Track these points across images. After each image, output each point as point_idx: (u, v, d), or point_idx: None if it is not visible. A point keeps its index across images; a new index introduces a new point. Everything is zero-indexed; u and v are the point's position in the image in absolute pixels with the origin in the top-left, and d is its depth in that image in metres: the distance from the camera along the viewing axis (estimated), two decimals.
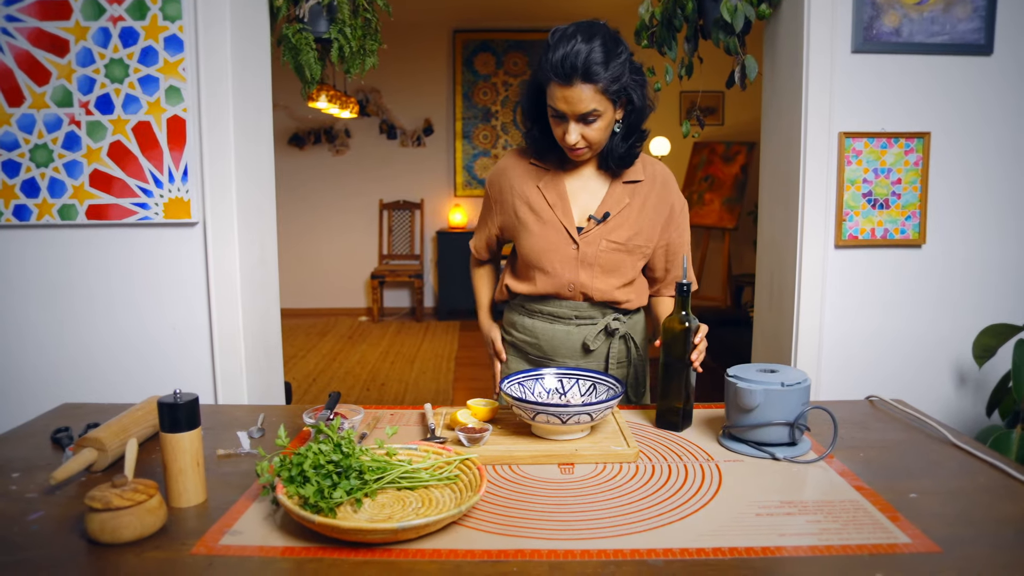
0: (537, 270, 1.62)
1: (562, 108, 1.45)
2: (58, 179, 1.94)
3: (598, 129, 1.49)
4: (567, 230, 1.59)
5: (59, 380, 2.01)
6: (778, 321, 2.24)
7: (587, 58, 1.40)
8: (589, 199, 1.61)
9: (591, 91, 1.43)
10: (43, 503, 1.12)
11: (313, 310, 6.92)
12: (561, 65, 1.41)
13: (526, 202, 1.62)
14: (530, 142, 1.62)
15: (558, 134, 1.51)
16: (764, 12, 2.15)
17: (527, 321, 1.69)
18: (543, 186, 1.62)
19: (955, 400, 2.18)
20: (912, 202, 2.07)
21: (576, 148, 1.51)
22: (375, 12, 2.45)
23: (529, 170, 1.64)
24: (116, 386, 2.01)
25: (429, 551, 0.97)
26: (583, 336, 1.64)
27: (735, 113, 6.59)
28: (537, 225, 1.60)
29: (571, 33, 1.43)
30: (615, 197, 1.60)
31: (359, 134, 6.76)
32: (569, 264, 1.59)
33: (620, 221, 1.59)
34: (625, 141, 1.57)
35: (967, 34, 1.99)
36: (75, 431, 1.42)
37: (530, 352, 1.71)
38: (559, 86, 1.44)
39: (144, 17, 1.89)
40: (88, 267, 2.00)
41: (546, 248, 1.59)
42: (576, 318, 1.64)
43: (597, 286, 1.60)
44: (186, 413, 1.11)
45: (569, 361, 1.66)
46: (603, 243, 1.58)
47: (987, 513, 1.09)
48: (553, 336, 1.66)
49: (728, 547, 0.99)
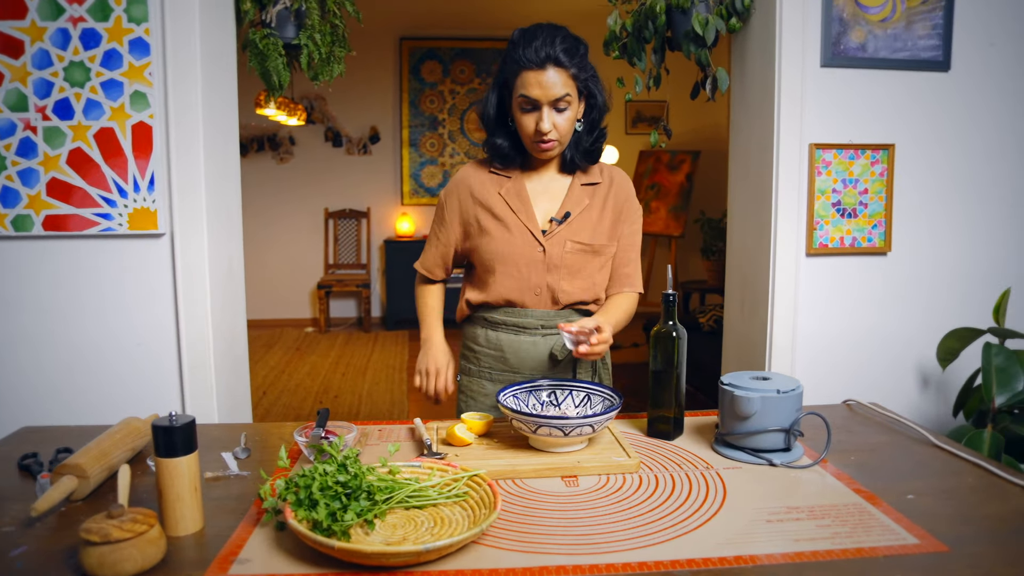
0: (503, 276, 1.61)
1: (536, 94, 1.49)
2: (11, 188, 1.83)
3: (568, 119, 1.54)
4: (532, 233, 1.59)
5: (15, 402, 1.88)
6: (750, 328, 2.29)
7: (559, 45, 1.48)
8: (550, 202, 1.63)
9: (564, 76, 1.49)
10: (24, 537, 1.04)
11: (258, 321, 6.72)
12: (536, 52, 1.47)
13: (488, 210, 1.62)
14: (493, 150, 1.63)
15: (529, 125, 1.53)
16: (734, 26, 2.20)
17: (491, 334, 1.67)
18: (504, 193, 1.62)
19: (920, 401, 2.26)
20: (878, 211, 2.15)
21: (547, 139, 1.53)
22: (343, 18, 2.41)
23: (490, 179, 1.65)
24: (77, 407, 1.90)
25: (453, 572, 0.94)
26: (549, 346, 1.64)
27: (679, 122, 6.70)
28: (501, 231, 1.60)
29: (538, 27, 1.51)
30: (575, 198, 1.63)
31: (304, 142, 6.63)
32: (536, 267, 1.60)
33: (582, 222, 1.62)
34: (589, 136, 1.62)
35: (926, 50, 2.09)
36: (44, 457, 1.33)
37: (494, 368, 1.68)
38: (533, 72, 1.48)
39: (107, 19, 1.80)
40: (46, 281, 1.89)
41: (511, 252, 1.59)
42: (542, 327, 1.63)
43: (564, 288, 1.61)
44: (183, 436, 1.05)
45: (536, 373, 1.65)
46: (568, 244, 1.60)
47: (981, 511, 1.13)
48: (519, 348, 1.64)
49: (748, 555, 0.99)
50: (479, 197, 1.63)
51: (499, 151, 1.62)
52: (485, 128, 1.63)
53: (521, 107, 1.52)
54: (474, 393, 1.71)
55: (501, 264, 1.60)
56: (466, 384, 1.73)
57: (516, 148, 1.62)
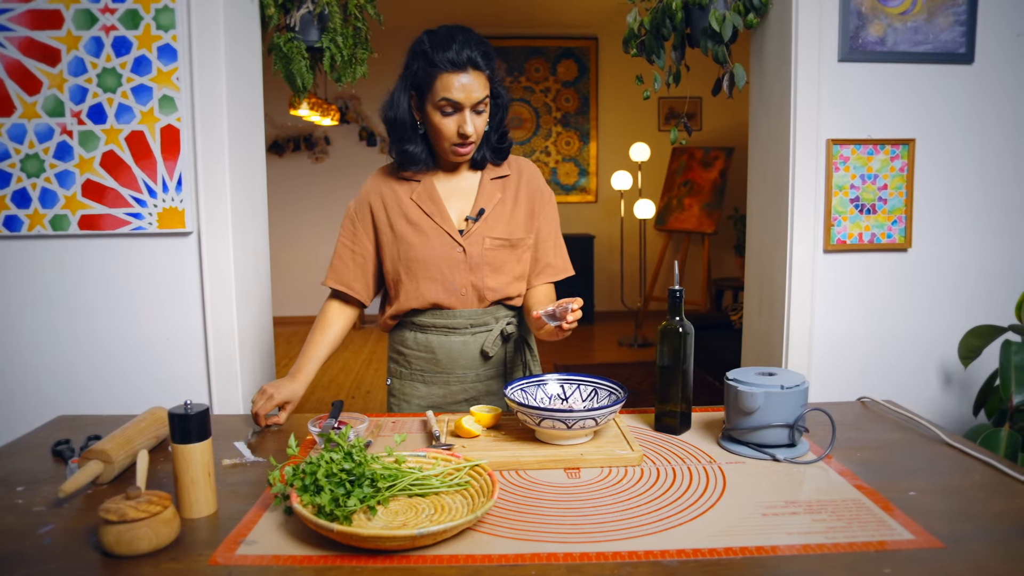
0: (426, 281, 1.60)
1: (458, 98, 1.49)
2: (50, 189, 1.92)
3: (485, 120, 1.56)
4: (449, 234, 1.60)
5: (53, 392, 1.98)
6: (768, 325, 2.28)
7: (476, 48, 1.49)
8: (462, 201, 1.64)
9: (482, 78, 1.51)
10: (52, 516, 1.11)
11: (295, 318, 6.86)
12: (457, 54, 1.47)
13: (403, 216, 1.61)
14: (405, 157, 1.61)
15: (449, 128, 1.52)
16: (752, 21, 2.19)
17: (420, 336, 1.67)
18: (416, 197, 1.62)
19: (942, 400, 2.23)
20: (898, 207, 2.12)
21: (468, 141, 1.54)
22: (365, 21, 2.46)
23: (399, 185, 1.64)
24: (111, 398, 1.99)
25: (447, 557, 0.98)
26: (479, 344, 1.65)
27: (713, 119, 6.67)
28: (418, 236, 1.60)
29: (450, 29, 1.52)
30: (487, 194, 1.63)
31: (338, 141, 6.75)
32: (458, 268, 1.60)
33: (497, 217, 1.62)
34: (495, 133, 1.63)
35: (949, 43, 2.05)
36: (75, 443, 1.41)
37: (425, 370, 1.68)
38: (454, 75, 1.48)
39: (137, 27, 1.88)
40: (81, 278, 1.98)
41: (431, 256, 1.59)
42: (471, 326, 1.64)
43: (488, 285, 1.61)
44: (197, 424, 1.11)
45: (469, 372, 1.66)
46: (487, 241, 1.60)
47: (984, 508, 1.13)
48: (450, 348, 1.65)
49: (739, 546, 1.01)
50: (391, 205, 1.63)
51: (412, 157, 1.61)
52: (394, 134, 1.61)
53: (442, 110, 1.51)
54: (407, 396, 1.71)
55: (423, 269, 1.60)
56: (398, 388, 1.72)
57: (428, 152, 1.61)
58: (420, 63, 1.52)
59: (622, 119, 6.73)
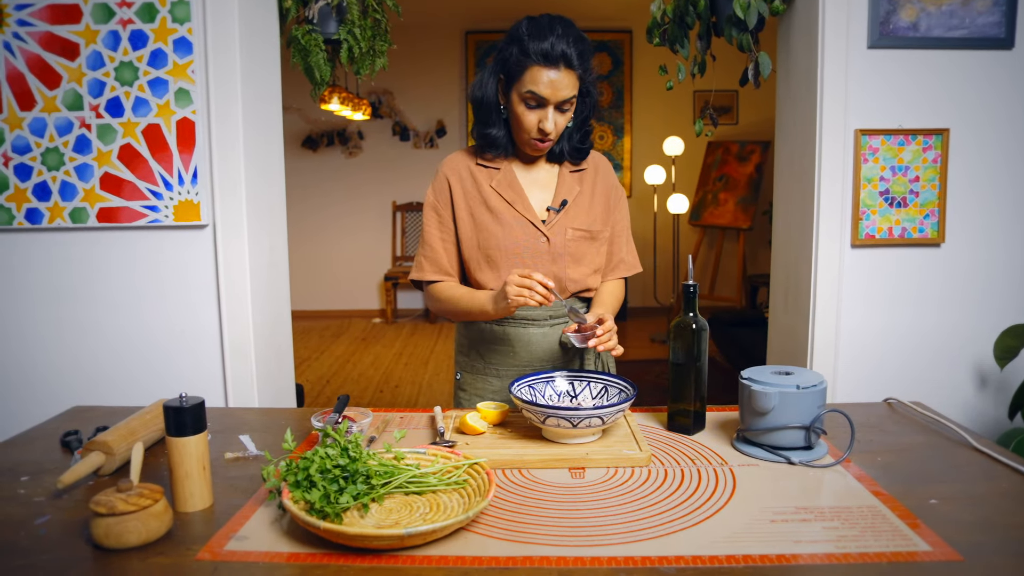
0: (508, 270, 1.56)
1: (545, 94, 1.45)
2: (69, 182, 1.95)
3: (567, 119, 1.52)
4: (533, 224, 1.57)
5: (70, 383, 2.01)
6: (794, 322, 2.21)
7: (574, 46, 1.44)
8: (542, 192, 1.61)
9: (573, 78, 1.47)
10: (50, 507, 1.12)
11: (327, 312, 6.94)
12: (552, 48, 1.42)
13: (483, 203, 1.59)
14: (487, 140, 1.58)
15: (531, 121, 1.49)
16: (778, 8, 2.12)
17: (497, 329, 1.63)
18: (496, 185, 1.59)
19: (976, 402, 2.13)
20: (931, 200, 2.03)
21: (547, 138, 1.51)
22: (384, 12, 2.45)
23: (479, 171, 1.61)
24: (127, 389, 2.01)
25: (436, 558, 0.95)
26: (558, 336, 1.63)
27: (749, 112, 6.53)
28: (500, 225, 1.57)
29: (553, 22, 1.46)
30: (567, 186, 1.61)
31: (372, 136, 6.78)
32: (541, 258, 1.58)
33: (577, 209, 1.60)
34: (579, 132, 1.60)
35: (987, 27, 1.95)
36: (85, 434, 1.42)
37: (501, 364, 1.64)
38: (545, 69, 1.44)
39: (153, 20, 1.89)
40: (99, 270, 2.00)
41: (514, 245, 1.57)
42: (551, 318, 1.62)
43: (570, 276, 1.59)
44: (192, 417, 1.10)
45: (547, 364, 1.63)
46: (569, 232, 1.58)
47: (1010, 519, 1.06)
48: (529, 340, 1.62)
49: (741, 554, 0.96)
50: (470, 191, 1.60)
51: (493, 141, 1.58)
52: (478, 115, 1.59)
53: (526, 102, 1.48)
54: (479, 390, 1.68)
55: (505, 258, 1.57)
56: (469, 382, 1.70)
57: (508, 138, 1.59)
58: (514, 49, 1.47)
59: (656, 113, 6.62)
